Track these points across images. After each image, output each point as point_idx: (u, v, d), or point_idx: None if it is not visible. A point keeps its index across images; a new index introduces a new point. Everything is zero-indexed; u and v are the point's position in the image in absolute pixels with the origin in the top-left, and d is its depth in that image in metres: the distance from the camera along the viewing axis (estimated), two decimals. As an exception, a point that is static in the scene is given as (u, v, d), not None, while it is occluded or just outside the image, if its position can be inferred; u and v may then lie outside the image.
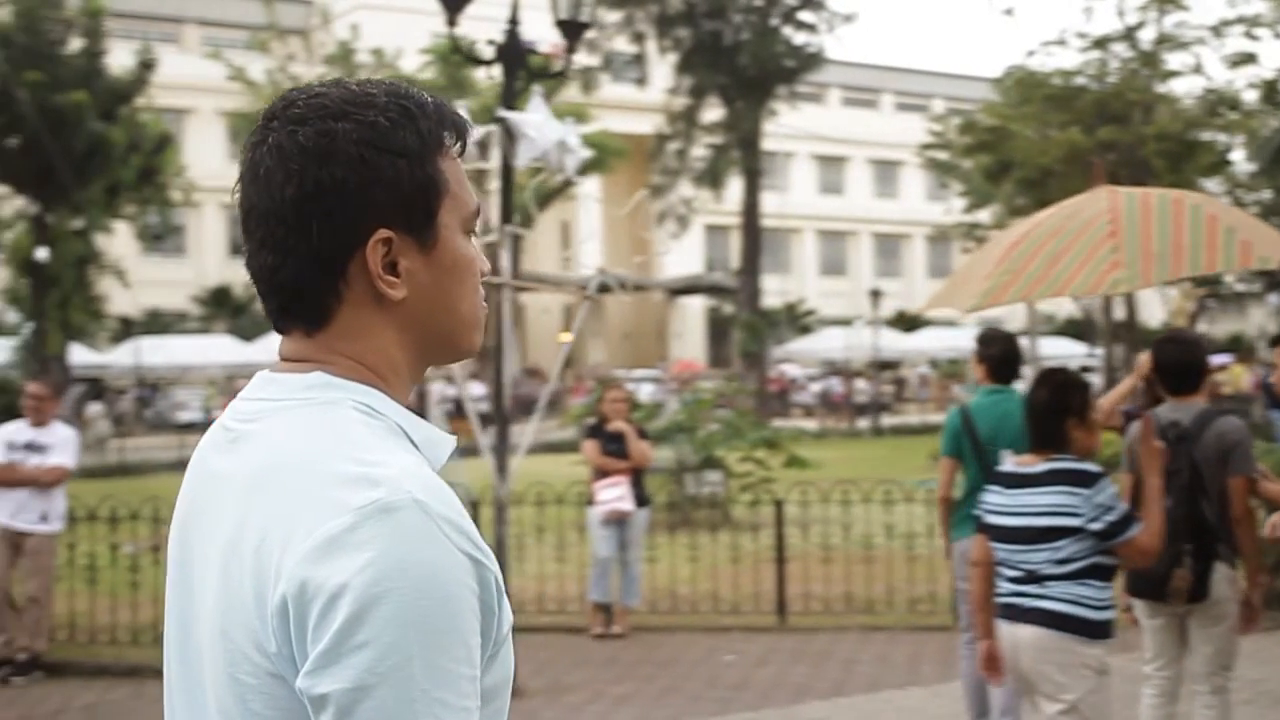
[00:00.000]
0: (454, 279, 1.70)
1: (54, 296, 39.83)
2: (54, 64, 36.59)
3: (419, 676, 1.45)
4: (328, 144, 1.61)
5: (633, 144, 44.54)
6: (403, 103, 1.67)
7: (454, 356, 1.77)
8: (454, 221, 1.70)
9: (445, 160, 1.69)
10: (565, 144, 9.43)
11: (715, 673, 9.90)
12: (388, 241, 1.63)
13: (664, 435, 16.99)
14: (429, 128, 1.67)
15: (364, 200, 1.62)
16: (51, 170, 35.27)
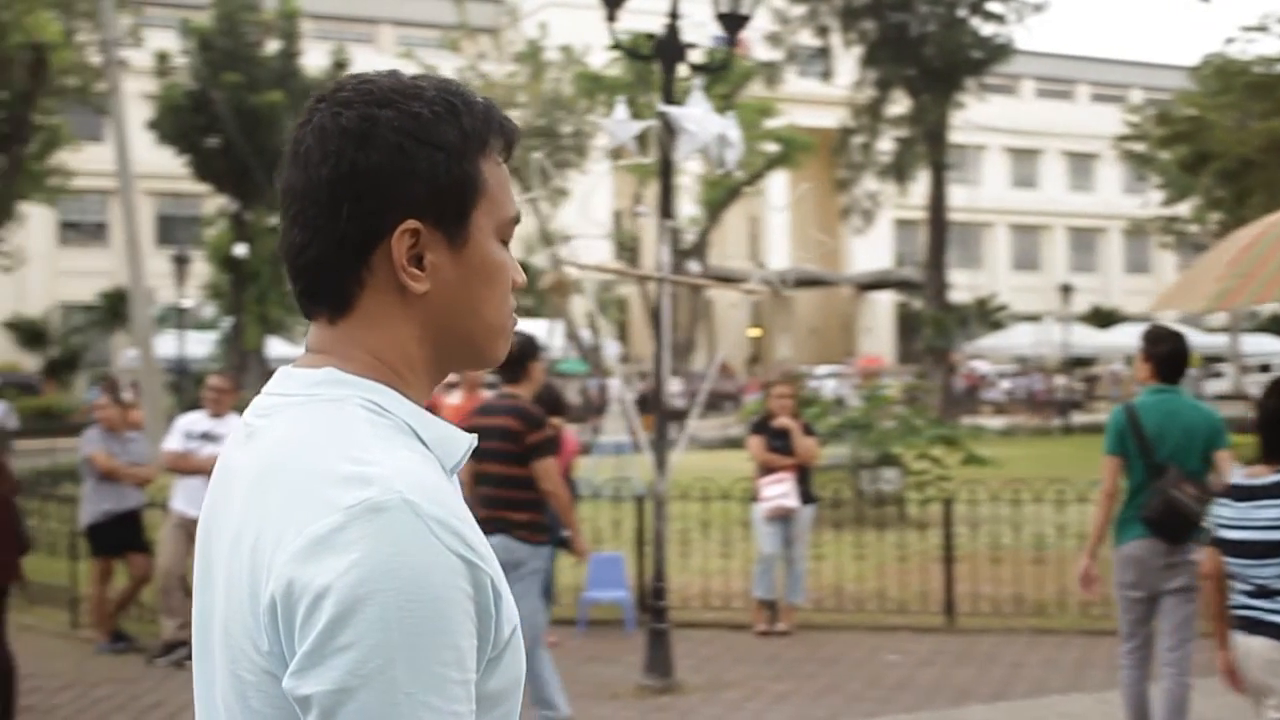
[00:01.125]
0: (481, 281, 1.68)
1: (252, 292, 41.01)
2: (251, 66, 37.65)
3: (403, 679, 1.43)
4: (368, 128, 1.60)
5: (819, 138, 44.23)
6: (449, 98, 1.65)
7: (476, 362, 1.75)
8: (489, 225, 1.68)
9: (487, 162, 1.67)
10: (725, 138, 9.37)
11: (877, 672, 9.78)
12: (415, 233, 1.62)
13: (838, 432, 16.86)
14: (473, 126, 1.65)
15: (397, 188, 1.61)
16: (249, 169, 36.26)
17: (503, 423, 7.71)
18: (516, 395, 7.90)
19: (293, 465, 1.56)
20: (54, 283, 54.73)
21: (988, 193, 70.86)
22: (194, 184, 40.80)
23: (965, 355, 52.11)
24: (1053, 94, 77.23)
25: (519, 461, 7.68)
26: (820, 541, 12.39)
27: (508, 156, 1.72)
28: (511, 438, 7.67)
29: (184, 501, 10.20)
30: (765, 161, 41.23)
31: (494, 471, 7.73)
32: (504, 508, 7.70)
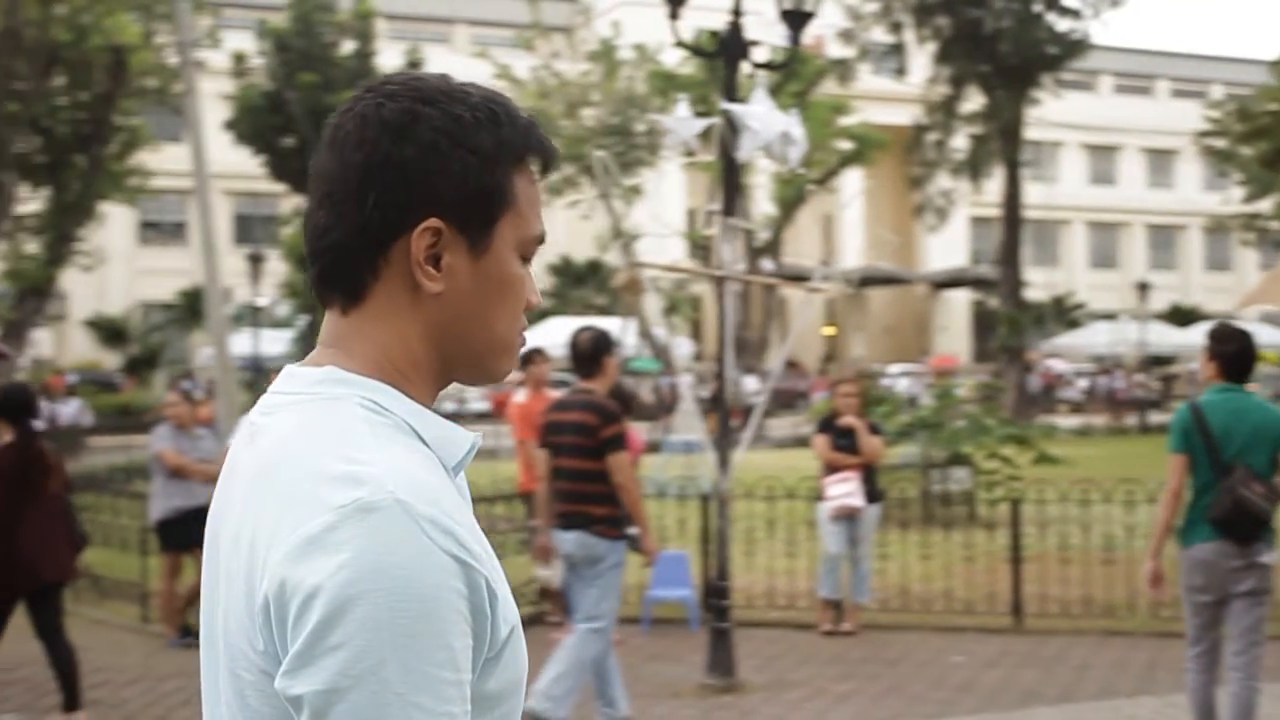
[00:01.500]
0: (496, 293, 1.67)
1: (327, 290, 41.15)
2: (327, 66, 37.97)
3: (393, 680, 1.43)
4: (408, 122, 1.60)
5: (892, 136, 44.00)
6: (492, 107, 1.65)
7: (479, 375, 1.74)
8: (512, 238, 1.67)
9: (520, 176, 1.67)
10: (788, 135, 9.34)
11: (942, 674, 9.70)
12: (437, 232, 1.61)
13: (908, 431, 16.76)
14: (511, 137, 1.65)
15: (426, 185, 1.60)
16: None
17: (578, 418, 7.86)
18: (592, 390, 8.00)
19: (289, 465, 1.56)
20: (134, 282, 55.51)
21: (1065, 189, 70.18)
22: (271, 183, 41.15)
23: (1041, 354, 51.64)
24: (1132, 90, 76.40)
25: (594, 455, 7.80)
26: (886, 541, 12.31)
27: (544, 175, 1.72)
28: (587, 432, 7.80)
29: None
30: (839, 159, 41.02)
31: (570, 466, 7.89)
32: (581, 502, 7.84)
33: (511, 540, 12.04)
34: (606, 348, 8.07)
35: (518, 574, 11.72)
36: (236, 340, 34.86)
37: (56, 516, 8.40)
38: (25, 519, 8.10)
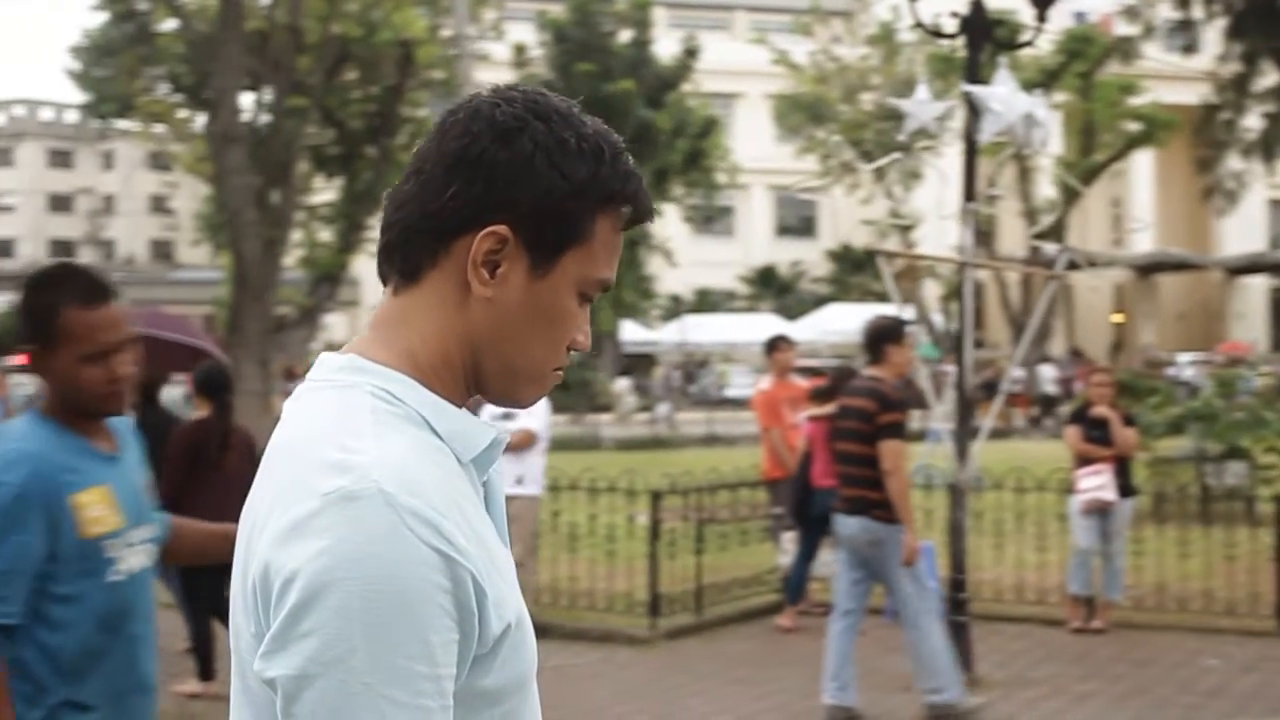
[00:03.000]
0: (542, 319, 1.67)
1: (606, 276, 41.81)
2: (604, 55, 38.47)
3: (362, 669, 1.44)
4: (515, 128, 1.62)
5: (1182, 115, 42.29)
6: (602, 145, 1.66)
7: (504, 394, 1.73)
8: (576, 274, 1.67)
9: (604, 217, 1.67)
10: (1032, 117, 9.07)
11: (1192, 677, 9.30)
12: (502, 240, 1.62)
13: (1179, 423, 16.12)
14: (607, 177, 1.66)
15: (507, 192, 1.62)
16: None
17: (860, 403, 8.07)
18: (877, 377, 8.14)
19: (291, 451, 1.59)
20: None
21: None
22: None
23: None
24: None
25: (871, 441, 7.96)
26: (1142, 537, 11.85)
27: (629, 226, 1.72)
28: (865, 417, 7.98)
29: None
30: (1126, 141, 39.72)
31: (850, 450, 8.14)
32: (862, 487, 8.02)
33: (754, 528, 11.99)
34: (890, 335, 8.16)
35: (761, 561, 11.70)
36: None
37: (233, 494, 8.62)
38: (198, 494, 8.12)
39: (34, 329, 3.19)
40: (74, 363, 3.15)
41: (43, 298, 3.19)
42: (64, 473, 3.13)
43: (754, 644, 10.43)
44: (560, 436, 30.54)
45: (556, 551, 11.22)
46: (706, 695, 8.86)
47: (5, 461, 3.11)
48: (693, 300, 54.68)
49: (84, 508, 3.13)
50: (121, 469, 3.28)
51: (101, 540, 3.14)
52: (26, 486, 3.07)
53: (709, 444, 28.46)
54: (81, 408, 3.23)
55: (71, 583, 3.11)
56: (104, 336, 3.17)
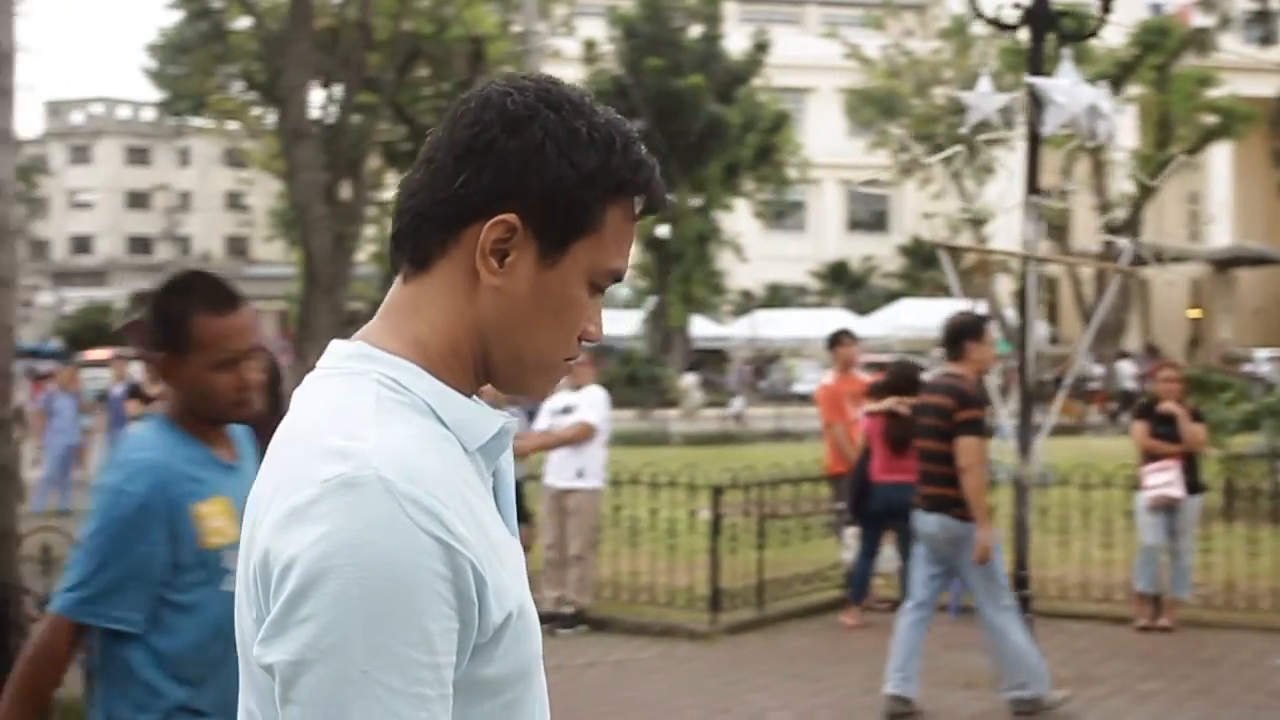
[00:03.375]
0: (551, 309, 1.67)
1: (676, 272, 41.85)
2: (674, 50, 38.44)
3: (358, 656, 1.44)
4: (525, 117, 1.62)
5: (1260, 108, 41.71)
6: (612, 133, 1.65)
7: (514, 384, 1.74)
8: (586, 263, 1.66)
9: (615, 207, 1.66)
10: (1097, 109, 8.97)
11: (1259, 677, 9.17)
12: (511, 229, 1.62)
13: (1252, 420, 15.89)
14: (617, 166, 1.65)
15: (517, 181, 1.62)
16: (673, 152, 37.06)
17: (937, 400, 8.13)
18: (956, 373, 8.16)
19: (295, 438, 1.60)
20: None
21: None
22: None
23: None
24: None
25: (949, 438, 7.98)
26: (1211, 534, 11.68)
27: (643, 216, 1.71)
28: (944, 414, 8.01)
29: (552, 474, 10.54)
30: (1202, 134, 39.20)
31: (930, 448, 8.19)
32: (940, 484, 8.05)
33: (816, 524, 11.94)
34: (969, 332, 8.16)
35: (824, 557, 11.65)
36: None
37: None
38: None
39: (165, 336, 3.19)
40: (204, 370, 3.16)
41: (174, 305, 3.19)
42: (187, 483, 3.14)
43: (815, 639, 10.39)
44: (628, 431, 30.60)
45: (618, 546, 11.23)
46: (765, 690, 8.83)
47: (130, 472, 3.14)
48: (764, 296, 54.56)
49: (205, 518, 3.14)
50: (241, 478, 3.24)
51: (220, 551, 3.14)
52: (150, 497, 3.09)
53: (777, 439, 28.38)
54: (210, 415, 3.24)
55: (190, 592, 3.13)
56: (234, 344, 3.19)
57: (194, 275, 3.31)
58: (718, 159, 40.90)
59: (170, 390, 3.29)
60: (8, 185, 6.83)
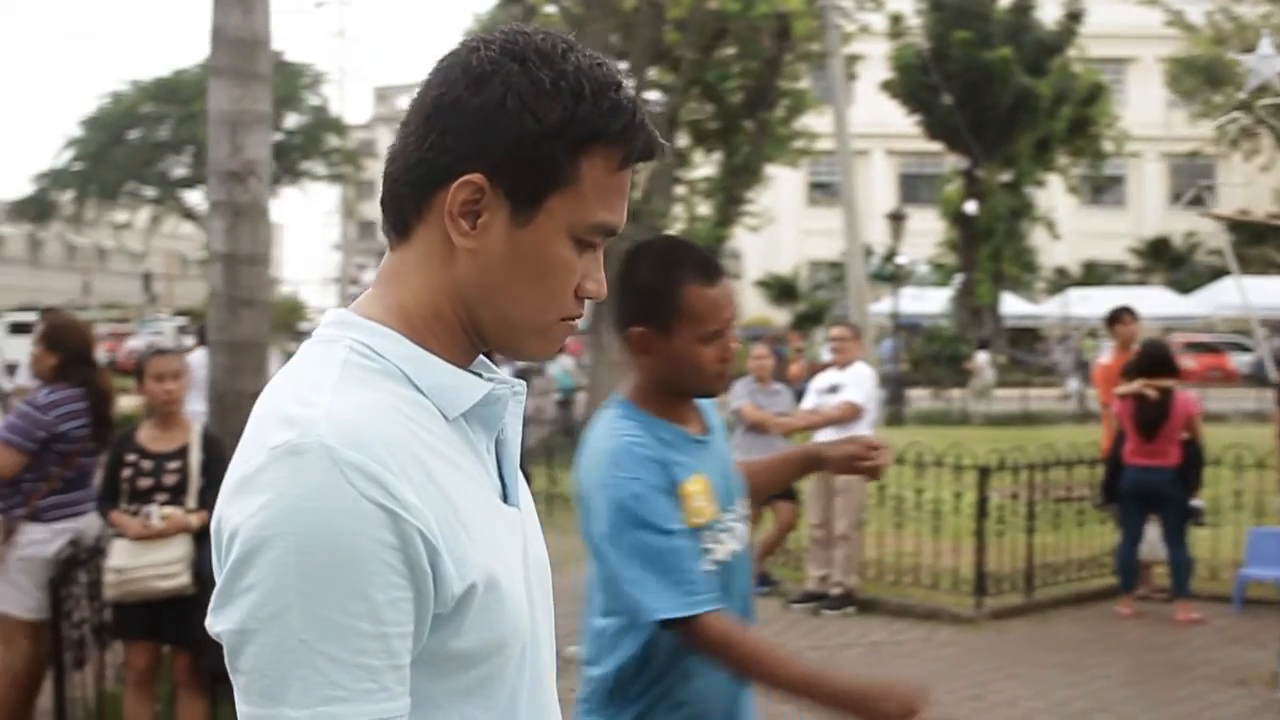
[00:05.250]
0: (531, 269, 1.62)
1: (985, 249, 41.03)
2: (983, 22, 37.62)
3: (297, 625, 1.42)
4: (488, 73, 1.58)
5: None
6: (582, 81, 1.59)
7: (507, 347, 1.69)
8: (565, 219, 1.61)
9: (589, 157, 1.60)
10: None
11: None
12: (480, 189, 1.58)
13: None
14: (585, 115, 1.58)
15: (480, 139, 1.58)
16: (981, 126, 36.30)
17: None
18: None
19: (260, 405, 1.59)
20: (802, 241, 57.37)
21: None
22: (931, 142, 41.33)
23: None
24: None
25: None
26: None
27: (628, 165, 1.64)
28: None
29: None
30: None
31: None
32: None
33: (1089, 509, 11.48)
34: None
35: (1102, 543, 11.21)
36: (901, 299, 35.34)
37: None
38: None
39: (652, 308, 3.06)
40: (692, 342, 3.04)
41: (663, 276, 3.06)
42: (672, 463, 3.04)
43: (1083, 628, 10.02)
44: (925, 411, 30.17)
45: (883, 526, 11.05)
46: (1021, 679, 8.57)
47: (619, 459, 3.02)
48: (1080, 273, 52.97)
49: (690, 498, 3.04)
50: (713, 452, 3.17)
51: (700, 531, 3.03)
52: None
53: (1081, 420, 27.50)
54: (693, 388, 3.13)
55: None
56: (723, 314, 3.07)
57: (677, 245, 3.20)
58: (1028, 133, 39.81)
59: (641, 366, 3.14)
60: (262, 166, 7.12)
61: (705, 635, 2.90)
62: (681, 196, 40.03)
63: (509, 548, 1.64)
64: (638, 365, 3.14)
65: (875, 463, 3.33)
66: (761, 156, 38.25)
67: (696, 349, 3.04)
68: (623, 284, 3.09)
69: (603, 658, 3.07)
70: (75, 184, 49.78)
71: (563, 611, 8.48)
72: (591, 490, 3.02)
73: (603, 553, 3.00)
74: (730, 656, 2.91)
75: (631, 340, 3.08)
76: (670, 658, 3.01)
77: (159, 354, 6.49)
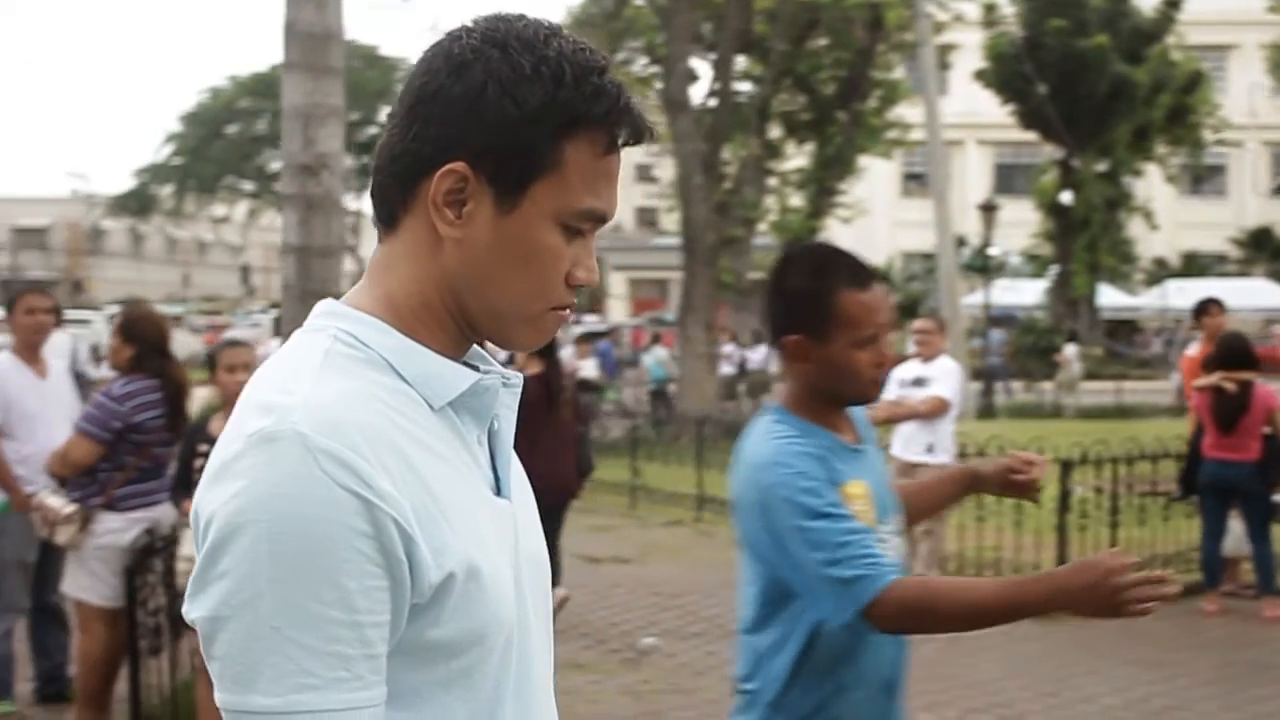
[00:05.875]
0: (516, 257, 1.61)
1: (1081, 240, 40.55)
2: (1078, 10, 37.13)
3: (268, 613, 1.43)
4: (469, 61, 1.59)
5: None
6: (563, 65, 1.58)
7: (497, 337, 1.69)
8: (551, 206, 1.60)
9: (573, 142, 1.59)
10: None
11: None
12: (463, 178, 1.59)
13: None
14: (567, 100, 1.58)
15: (462, 127, 1.58)
16: (1077, 115, 35.89)
17: None
18: None
19: (244, 394, 1.60)
20: (895, 233, 56.96)
21: None
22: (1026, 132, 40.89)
23: None
24: None
25: None
26: None
27: (615, 149, 1.63)
28: None
29: (900, 446, 10.35)
30: None
31: None
32: None
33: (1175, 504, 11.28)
34: None
35: (1190, 538, 11.02)
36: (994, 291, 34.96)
37: (565, 443, 9.41)
38: (538, 443, 8.92)
39: (807, 315, 3.06)
40: (848, 348, 3.03)
41: (817, 282, 3.05)
42: (832, 465, 3.02)
43: (1167, 624, 9.84)
44: (1017, 405, 29.85)
45: (965, 520, 10.95)
46: (1098, 675, 8.46)
47: (781, 457, 3.00)
48: (1179, 264, 52.16)
49: (852, 499, 3.01)
50: (868, 461, 3.16)
51: None
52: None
53: (1178, 414, 27.04)
54: (849, 395, 3.11)
55: None
56: (878, 319, 3.05)
57: (829, 251, 3.18)
58: (1125, 122, 39.24)
59: (796, 374, 3.13)
60: (335, 160, 7.18)
61: (901, 602, 2.86)
62: (773, 188, 39.96)
63: (495, 538, 1.62)
64: (793, 373, 3.13)
65: (1029, 476, 3.27)
66: (854, 147, 38.09)
67: (852, 354, 3.02)
68: (775, 292, 3.11)
69: (757, 673, 3.05)
70: (175, 178, 50.47)
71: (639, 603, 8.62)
72: (755, 494, 3.00)
73: (775, 555, 2.98)
74: (934, 610, 2.88)
75: (787, 348, 3.08)
76: (824, 672, 2.99)
77: (231, 345, 6.59)
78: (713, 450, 15.03)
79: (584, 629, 9.61)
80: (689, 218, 22.17)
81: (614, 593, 10.74)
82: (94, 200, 69.19)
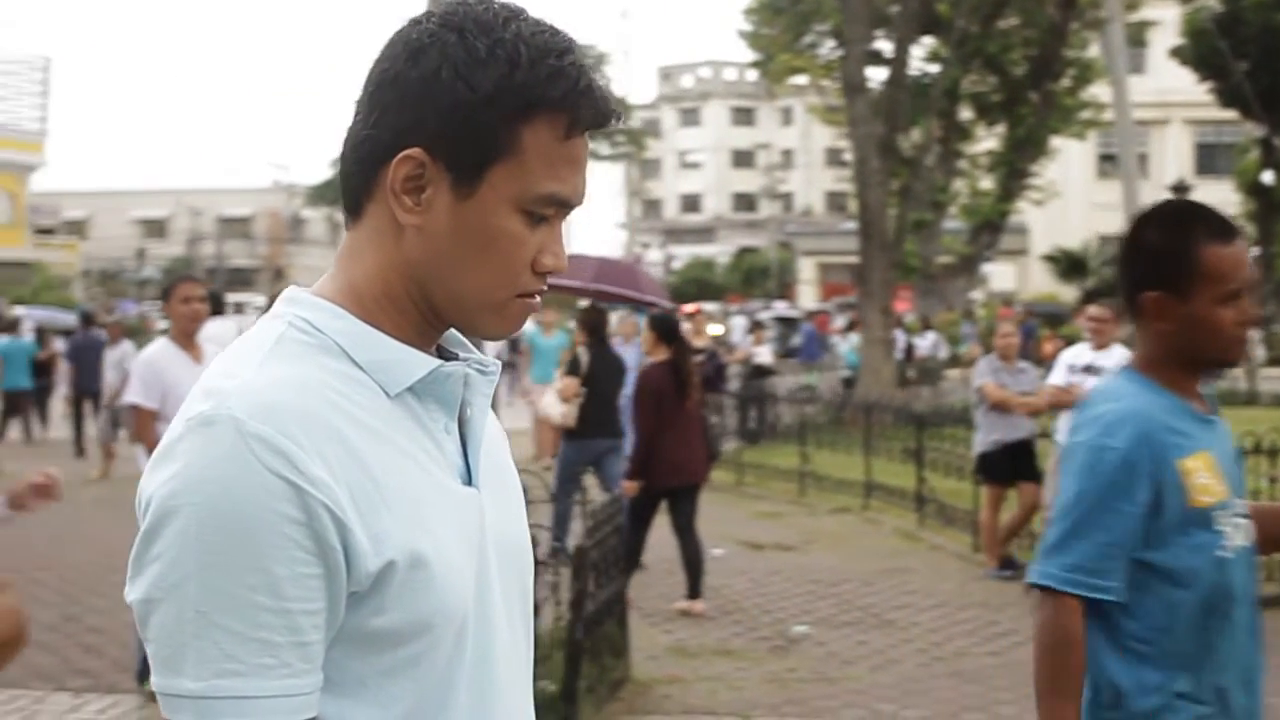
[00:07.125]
0: (477, 244, 1.60)
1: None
2: (1281, -17, 35.79)
3: (194, 596, 1.43)
4: (426, 45, 1.58)
5: None
6: (520, 48, 1.57)
7: (463, 325, 1.68)
8: (510, 191, 1.58)
9: (530, 126, 1.57)
10: None
11: None
12: (420, 164, 1.58)
13: None
14: (522, 83, 1.56)
15: (418, 112, 1.58)
16: (1277, 92, 34.67)
17: None
18: None
19: (200, 378, 1.60)
20: (1091, 215, 55.62)
21: None
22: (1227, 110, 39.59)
23: None
24: None
25: None
26: None
27: (576, 133, 1.61)
28: None
29: (1064, 432, 10.09)
30: None
31: None
32: None
33: None
34: None
35: None
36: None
37: (694, 428, 9.66)
38: (669, 428, 9.31)
39: (1168, 271, 2.93)
40: (1210, 305, 2.90)
41: (1179, 237, 2.94)
42: (1170, 435, 2.89)
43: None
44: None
45: None
46: (1270, 671, 8.15)
47: (1108, 423, 2.91)
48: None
49: (1191, 474, 2.87)
50: (1219, 433, 3.01)
51: (1211, 511, 2.88)
52: (1133, 451, 2.85)
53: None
54: (1211, 355, 2.98)
55: (1177, 557, 2.87)
56: (1242, 274, 2.92)
57: (1190, 205, 3.08)
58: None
59: (1152, 334, 3.01)
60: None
61: (1057, 616, 2.86)
62: (963, 170, 39.35)
63: (452, 526, 1.59)
64: (1149, 333, 3.01)
65: None
66: (1046, 128, 37.34)
67: (1216, 311, 2.90)
68: (1132, 249, 3.02)
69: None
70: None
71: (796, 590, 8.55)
72: (1069, 449, 2.99)
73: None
74: (1049, 656, 2.87)
75: (1145, 306, 2.97)
76: (1155, 687, 2.89)
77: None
78: (880, 438, 14.86)
79: (737, 615, 9.60)
80: (866, 201, 21.89)
81: (772, 580, 10.69)
82: (294, 190, 71.10)
